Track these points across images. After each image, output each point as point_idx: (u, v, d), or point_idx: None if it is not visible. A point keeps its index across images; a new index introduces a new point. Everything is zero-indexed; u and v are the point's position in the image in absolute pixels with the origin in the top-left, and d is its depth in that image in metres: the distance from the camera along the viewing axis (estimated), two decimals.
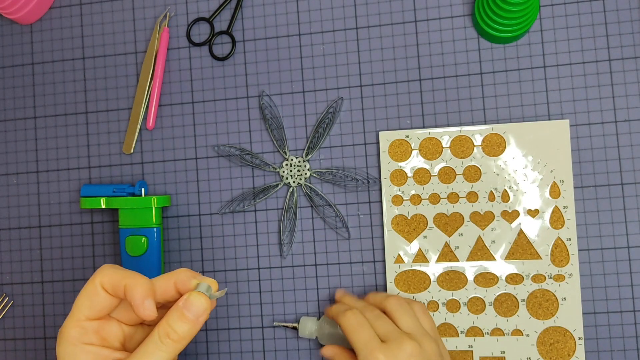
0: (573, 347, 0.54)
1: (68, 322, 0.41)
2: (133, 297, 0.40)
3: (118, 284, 0.41)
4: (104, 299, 0.41)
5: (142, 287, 0.40)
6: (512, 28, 0.55)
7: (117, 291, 0.41)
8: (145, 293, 0.40)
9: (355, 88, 0.59)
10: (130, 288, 0.40)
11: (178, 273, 0.42)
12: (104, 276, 0.41)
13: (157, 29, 0.62)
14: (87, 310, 0.41)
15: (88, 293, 0.41)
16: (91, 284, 0.41)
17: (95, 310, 0.41)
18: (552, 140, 0.56)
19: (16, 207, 0.64)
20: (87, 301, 0.41)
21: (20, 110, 0.64)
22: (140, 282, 0.40)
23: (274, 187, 0.59)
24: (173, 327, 0.40)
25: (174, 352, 0.40)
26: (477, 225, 0.56)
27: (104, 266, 0.42)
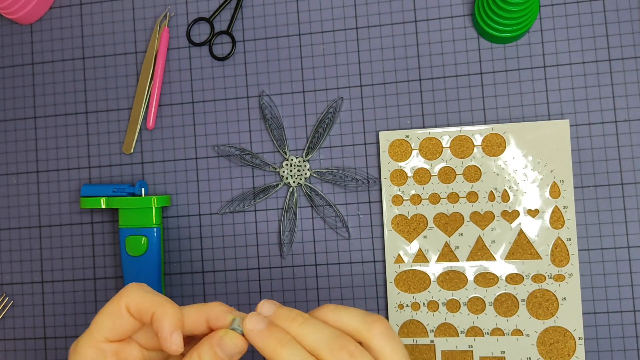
0: (573, 347, 0.54)
1: (85, 341, 0.38)
2: (161, 328, 0.37)
3: (146, 310, 0.37)
4: (127, 322, 0.38)
5: (172, 318, 0.37)
6: (512, 28, 0.55)
7: (143, 317, 0.38)
8: (175, 325, 0.37)
9: (355, 88, 0.59)
10: (159, 318, 0.37)
11: (212, 307, 0.38)
12: (130, 298, 0.38)
13: (157, 29, 0.62)
14: (107, 332, 0.38)
15: (111, 313, 0.38)
16: (116, 303, 0.38)
17: (117, 332, 0.38)
18: (552, 140, 0.56)
19: (16, 207, 0.64)
20: (109, 322, 0.38)
21: (20, 110, 0.64)
22: (171, 313, 0.37)
23: (274, 187, 0.59)
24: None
25: None
26: (477, 225, 0.56)
27: (131, 285, 0.39)
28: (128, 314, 0.38)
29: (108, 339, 0.38)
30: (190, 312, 0.39)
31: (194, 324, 0.38)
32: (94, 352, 0.38)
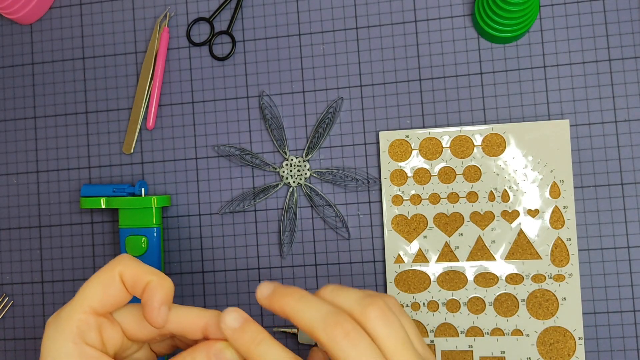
0: (573, 347, 0.54)
1: (69, 312, 0.36)
2: (152, 298, 0.35)
3: (141, 279, 0.36)
4: (118, 292, 0.36)
5: (166, 290, 0.36)
6: (512, 28, 0.55)
7: (136, 286, 0.36)
8: (166, 298, 0.36)
9: (355, 88, 0.59)
10: (154, 287, 0.35)
11: (212, 315, 0.37)
12: (125, 266, 0.36)
13: (157, 29, 0.62)
14: (96, 302, 0.36)
15: (103, 281, 0.36)
16: (108, 271, 0.36)
17: (106, 303, 0.36)
18: (552, 140, 0.56)
19: (16, 207, 0.64)
20: (100, 291, 0.36)
21: (20, 110, 0.64)
22: (166, 285, 0.36)
23: (274, 187, 0.59)
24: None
25: None
26: (477, 225, 0.56)
27: (123, 255, 0.37)
28: (121, 282, 0.36)
29: (94, 309, 0.36)
30: (191, 314, 0.37)
31: (191, 326, 0.37)
32: (77, 323, 0.35)
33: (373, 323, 0.35)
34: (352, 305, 0.36)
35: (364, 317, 0.35)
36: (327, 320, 0.34)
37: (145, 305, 0.36)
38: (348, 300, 0.36)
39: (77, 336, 0.35)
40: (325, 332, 0.34)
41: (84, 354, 0.35)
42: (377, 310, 0.35)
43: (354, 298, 0.36)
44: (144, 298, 0.36)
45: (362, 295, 0.36)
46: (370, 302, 0.36)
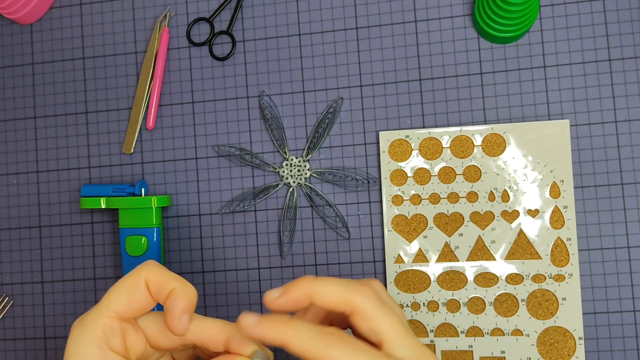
0: (573, 347, 0.54)
1: (94, 316, 0.36)
2: (174, 304, 0.35)
3: (166, 286, 0.36)
4: (143, 298, 0.36)
5: (189, 298, 0.36)
6: (512, 28, 0.55)
7: (160, 292, 0.36)
8: (189, 306, 0.36)
9: (355, 88, 0.59)
10: (177, 294, 0.36)
11: (234, 329, 0.37)
12: (151, 272, 0.36)
13: (157, 29, 0.62)
14: (122, 306, 0.36)
15: (129, 286, 0.36)
16: (135, 276, 0.36)
17: (131, 308, 0.36)
18: (552, 140, 0.56)
19: (16, 207, 0.64)
20: (126, 296, 0.36)
21: (20, 110, 0.64)
22: (189, 293, 0.36)
23: (274, 187, 0.59)
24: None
25: None
26: (477, 225, 0.56)
27: (149, 261, 0.37)
28: (146, 288, 0.36)
29: (120, 314, 0.36)
30: (214, 326, 0.37)
31: (213, 337, 0.37)
32: (104, 330, 0.36)
33: (357, 321, 0.36)
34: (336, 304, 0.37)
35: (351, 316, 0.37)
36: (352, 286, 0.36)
37: (168, 312, 0.36)
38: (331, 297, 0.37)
39: (102, 341, 0.35)
40: (359, 293, 0.36)
41: (107, 358, 0.35)
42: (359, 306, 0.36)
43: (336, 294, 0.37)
44: (166, 305, 0.36)
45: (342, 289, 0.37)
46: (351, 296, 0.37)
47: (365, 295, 0.36)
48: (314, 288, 0.36)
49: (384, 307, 0.36)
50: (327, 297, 0.36)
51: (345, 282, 0.37)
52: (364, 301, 0.36)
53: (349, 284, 0.36)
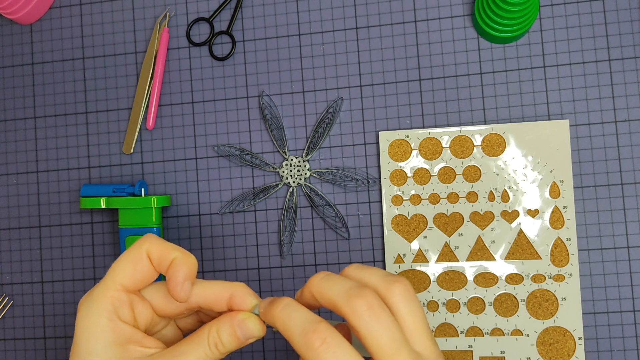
0: (573, 347, 0.55)
1: (101, 290, 0.37)
2: (176, 273, 0.37)
3: (167, 256, 0.37)
4: (146, 269, 0.38)
5: (190, 267, 0.37)
6: (512, 28, 0.55)
7: (162, 263, 0.38)
8: (190, 274, 0.37)
9: (355, 88, 0.59)
10: (178, 263, 0.37)
11: (237, 287, 0.38)
12: (152, 244, 0.38)
13: (157, 29, 0.62)
14: (127, 278, 0.37)
15: (132, 259, 0.38)
16: (137, 250, 0.38)
17: (135, 280, 0.38)
18: (552, 140, 0.56)
19: (16, 207, 0.64)
20: (130, 268, 0.37)
21: (20, 110, 0.64)
22: (189, 261, 0.37)
23: (274, 187, 0.59)
24: (221, 340, 0.37)
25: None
26: (477, 225, 0.56)
27: (149, 235, 0.39)
28: (148, 260, 0.38)
29: (125, 286, 0.37)
30: (216, 287, 0.38)
31: (216, 298, 0.38)
32: (111, 300, 0.37)
33: (397, 299, 0.36)
34: (376, 281, 0.37)
35: (389, 293, 0.36)
36: (351, 293, 0.35)
37: (170, 280, 0.37)
38: (373, 277, 0.37)
39: (112, 312, 0.37)
40: (349, 304, 0.35)
41: (118, 329, 0.37)
42: (401, 287, 0.36)
43: (379, 275, 0.37)
44: (168, 274, 0.37)
45: (386, 273, 0.37)
46: (395, 279, 0.37)
47: (354, 308, 0.34)
48: (316, 289, 0.37)
49: (373, 323, 0.34)
50: (323, 301, 0.36)
51: (347, 287, 0.35)
52: (353, 315, 0.34)
53: (349, 291, 0.35)
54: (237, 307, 0.38)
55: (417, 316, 0.36)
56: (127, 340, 0.37)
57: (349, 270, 0.38)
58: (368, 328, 0.34)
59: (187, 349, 0.37)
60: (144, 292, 0.39)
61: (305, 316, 0.35)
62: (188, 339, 0.38)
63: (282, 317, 0.36)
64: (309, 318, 0.35)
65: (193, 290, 0.38)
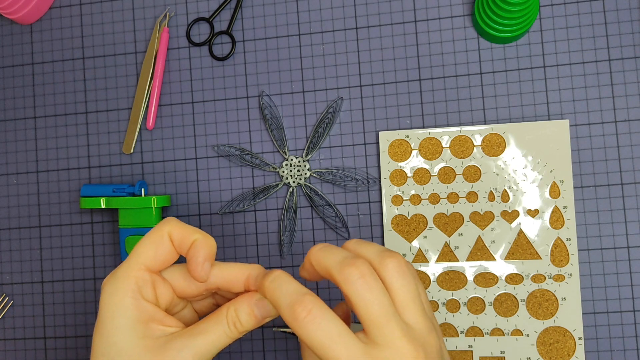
0: (573, 347, 0.55)
1: (124, 271, 0.39)
2: (196, 254, 0.38)
3: (188, 237, 0.39)
4: (168, 251, 0.39)
5: (210, 248, 0.39)
6: (512, 28, 0.55)
7: (182, 244, 0.39)
8: (209, 255, 0.39)
9: (355, 88, 0.59)
10: (199, 244, 0.39)
11: (253, 268, 0.40)
12: (173, 227, 0.39)
13: (157, 29, 0.62)
14: (149, 259, 0.39)
15: (154, 241, 0.39)
16: (158, 232, 0.39)
17: (157, 261, 0.39)
18: (552, 140, 0.56)
19: (16, 207, 0.64)
20: (152, 250, 0.39)
21: (20, 110, 0.64)
22: (209, 243, 0.39)
23: (274, 187, 0.59)
24: (240, 319, 0.39)
25: (232, 339, 0.39)
26: (477, 225, 0.56)
27: (170, 218, 0.40)
28: (170, 242, 0.39)
29: (149, 267, 0.39)
30: (234, 268, 0.40)
31: (234, 279, 0.40)
32: (135, 279, 0.38)
33: (389, 273, 0.37)
34: (372, 255, 0.38)
35: (382, 267, 0.37)
36: (345, 262, 0.36)
37: (191, 261, 0.39)
38: (369, 251, 0.39)
39: (135, 291, 0.38)
40: (342, 272, 0.36)
41: (141, 307, 0.38)
42: (395, 262, 0.38)
43: (375, 249, 0.39)
44: (189, 255, 0.39)
45: (383, 248, 0.39)
46: (390, 254, 0.38)
47: (346, 276, 0.36)
48: (314, 257, 0.38)
49: (364, 292, 0.35)
50: (320, 270, 0.38)
51: (342, 256, 0.37)
52: (345, 282, 0.36)
53: (343, 260, 0.37)
54: (254, 287, 0.39)
55: (409, 290, 0.37)
56: (149, 318, 0.38)
57: (348, 243, 0.40)
58: (359, 296, 0.35)
59: (206, 327, 0.38)
60: (164, 273, 0.41)
61: (293, 288, 0.36)
62: (207, 318, 0.39)
63: (272, 288, 0.37)
64: (297, 290, 0.36)
65: (212, 272, 0.40)
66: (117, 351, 0.37)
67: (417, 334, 0.37)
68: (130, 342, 0.37)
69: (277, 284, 0.37)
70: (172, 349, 0.37)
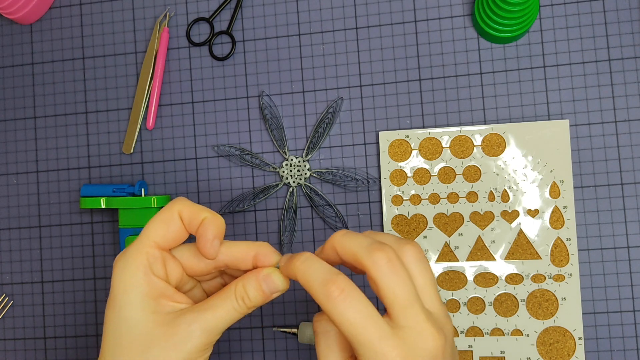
0: (573, 347, 0.55)
1: (136, 249, 0.40)
2: (205, 232, 0.39)
3: (197, 216, 0.40)
4: (178, 229, 0.40)
5: (218, 226, 0.40)
6: (512, 28, 0.55)
7: (192, 223, 0.40)
8: (219, 233, 0.40)
9: (355, 88, 0.59)
10: (208, 222, 0.39)
11: (260, 246, 0.41)
12: (183, 205, 0.40)
13: (157, 29, 0.62)
14: (160, 237, 0.40)
15: (164, 219, 0.40)
16: (169, 210, 0.40)
17: (168, 239, 0.40)
18: (552, 140, 0.56)
19: (16, 207, 0.64)
20: (162, 228, 0.40)
21: (20, 110, 0.64)
22: (218, 221, 0.40)
23: (274, 187, 0.59)
24: (248, 294, 0.39)
25: (241, 315, 0.40)
26: (477, 225, 0.56)
27: (180, 197, 0.41)
28: (180, 220, 0.40)
29: (158, 244, 0.40)
30: (242, 246, 0.41)
31: (242, 256, 0.41)
32: (146, 256, 0.39)
33: (409, 259, 0.38)
34: (391, 242, 0.39)
35: (402, 253, 0.38)
36: (373, 247, 0.37)
37: (200, 238, 0.40)
38: (387, 239, 0.40)
39: (147, 267, 0.39)
40: (370, 256, 0.37)
41: (152, 283, 0.39)
42: (413, 249, 0.39)
43: (393, 237, 0.40)
44: (198, 233, 0.40)
45: (399, 237, 0.40)
46: (407, 242, 0.39)
47: (375, 260, 0.36)
48: (338, 242, 0.39)
49: (391, 276, 0.36)
50: (345, 254, 0.38)
51: (368, 241, 0.38)
52: (373, 266, 0.36)
53: (370, 245, 0.37)
54: (261, 264, 0.40)
55: (427, 277, 0.38)
56: (160, 294, 0.39)
57: (365, 233, 0.40)
58: (386, 280, 0.36)
59: (215, 303, 0.39)
60: (174, 251, 0.41)
61: (325, 268, 0.37)
62: (216, 294, 0.40)
63: (303, 269, 0.38)
64: (329, 270, 0.37)
65: (221, 249, 0.41)
66: (128, 326, 0.38)
67: (436, 318, 0.38)
68: (141, 316, 0.38)
69: (309, 264, 0.38)
70: (182, 324, 0.38)
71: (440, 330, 0.37)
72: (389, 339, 0.35)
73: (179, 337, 0.38)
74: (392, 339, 0.35)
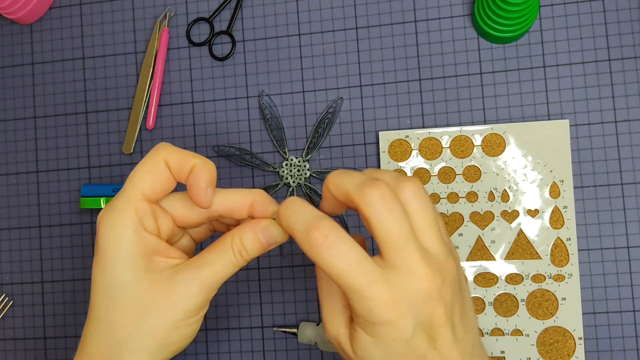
0: (573, 347, 0.55)
1: (124, 202, 0.36)
2: (197, 180, 0.36)
3: (186, 163, 0.36)
4: (166, 178, 0.37)
5: (210, 172, 0.37)
6: (512, 28, 0.55)
7: (181, 171, 0.37)
8: (211, 180, 0.37)
9: (355, 88, 0.59)
10: (199, 169, 0.36)
11: (256, 194, 0.38)
12: (169, 152, 0.37)
13: (157, 29, 0.62)
14: (147, 188, 0.36)
15: (150, 169, 0.37)
16: (152, 158, 0.37)
17: (156, 189, 0.37)
18: (552, 140, 0.56)
19: (16, 207, 0.64)
20: (149, 178, 0.36)
21: (20, 110, 0.64)
22: (210, 167, 0.37)
23: (274, 187, 0.59)
24: (245, 247, 0.37)
25: (238, 267, 0.37)
26: (476, 225, 0.56)
27: (164, 143, 0.37)
28: (167, 168, 0.37)
29: (147, 197, 0.37)
30: (237, 194, 0.38)
31: (237, 205, 0.38)
32: (134, 212, 0.36)
33: (407, 196, 0.35)
34: (389, 179, 0.36)
35: (399, 190, 0.35)
36: (365, 184, 0.34)
37: (192, 187, 0.37)
38: (386, 175, 0.37)
39: (137, 223, 0.36)
40: (362, 193, 0.34)
41: (144, 239, 0.36)
42: (412, 185, 0.36)
43: (392, 174, 0.37)
44: (189, 181, 0.37)
45: (400, 174, 0.37)
46: (407, 178, 0.36)
47: (366, 197, 0.34)
48: (331, 181, 0.36)
49: (384, 213, 0.33)
50: (338, 193, 0.36)
51: (362, 179, 0.35)
52: (364, 204, 0.34)
53: (363, 182, 0.34)
54: (258, 214, 0.38)
55: (427, 214, 0.35)
56: (152, 251, 0.37)
57: (365, 171, 0.38)
58: (378, 217, 0.33)
59: (212, 257, 0.37)
60: (163, 202, 0.39)
61: (309, 212, 0.34)
62: (211, 247, 0.37)
63: (286, 215, 0.35)
64: (312, 214, 0.34)
65: (215, 198, 0.38)
66: (122, 287, 0.36)
67: (434, 258, 0.35)
68: (135, 276, 0.36)
69: (292, 209, 0.35)
70: (179, 282, 0.36)
71: (437, 271, 0.34)
72: (378, 283, 0.33)
73: (177, 297, 0.36)
74: (382, 283, 0.33)
